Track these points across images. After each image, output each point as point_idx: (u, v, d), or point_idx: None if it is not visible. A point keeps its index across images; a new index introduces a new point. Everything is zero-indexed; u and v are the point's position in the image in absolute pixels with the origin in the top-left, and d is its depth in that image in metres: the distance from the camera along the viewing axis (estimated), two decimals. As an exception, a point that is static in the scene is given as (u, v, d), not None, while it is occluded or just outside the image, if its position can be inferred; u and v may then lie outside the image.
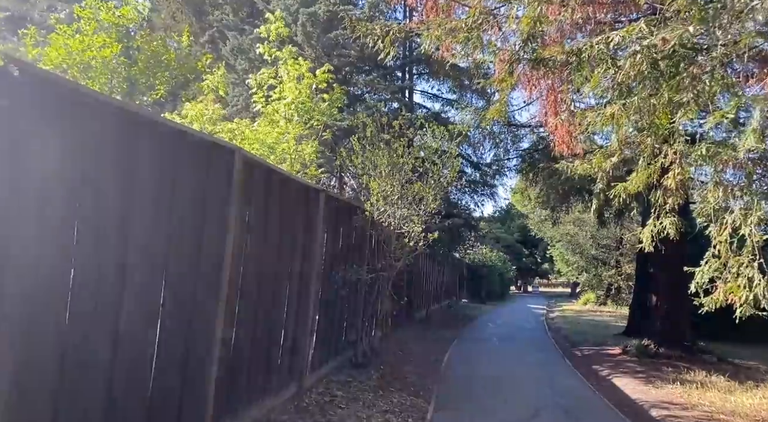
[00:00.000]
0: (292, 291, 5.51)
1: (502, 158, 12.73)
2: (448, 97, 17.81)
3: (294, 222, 5.46)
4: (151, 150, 3.24)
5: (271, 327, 5.06)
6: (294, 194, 5.43)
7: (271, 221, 4.87)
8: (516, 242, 43.40)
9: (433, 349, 10.77)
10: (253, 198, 4.47)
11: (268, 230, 4.82)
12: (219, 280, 3.84)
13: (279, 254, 5.10)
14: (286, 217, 5.22)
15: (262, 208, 4.70)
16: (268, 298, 4.96)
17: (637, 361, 9.71)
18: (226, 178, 3.92)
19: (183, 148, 3.57)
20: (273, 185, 4.89)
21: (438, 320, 16.29)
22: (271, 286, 4.99)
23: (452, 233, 16.41)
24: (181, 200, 3.52)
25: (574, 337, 13.91)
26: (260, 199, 4.64)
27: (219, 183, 3.88)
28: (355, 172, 7.64)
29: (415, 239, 7.17)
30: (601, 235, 25.44)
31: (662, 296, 10.16)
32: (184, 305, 3.60)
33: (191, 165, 3.66)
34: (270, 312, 5.00)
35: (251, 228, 4.45)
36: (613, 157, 8.55)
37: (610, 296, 26.09)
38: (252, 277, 4.52)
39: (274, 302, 5.08)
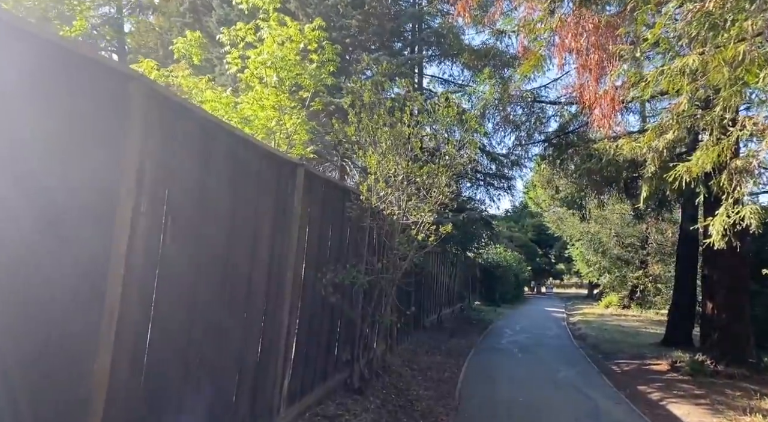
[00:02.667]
0: (254, 302, 3.98)
1: (524, 143, 11.11)
2: (460, 83, 16.26)
3: (256, 207, 3.94)
4: None
5: (218, 354, 3.53)
6: (255, 167, 3.91)
7: (210, 203, 3.34)
8: (530, 241, 41.65)
9: (446, 363, 9.21)
10: (176, 166, 2.95)
11: (206, 216, 3.29)
12: (100, 291, 2.34)
13: (228, 251, 3.57)
14: (241, 198, 3.70)
15: (196, 182, 3.18)
16: (211, 316, 3.42)
17: (691, 381, 8.09)
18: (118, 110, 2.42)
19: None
20: (214, 147, 3.37)
21: (451, 326, 14.71)
22: (216, 298, 3.46)
23: (466, 230, 14.83)
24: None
25: (605, 347, 12.28)
26: (191, 168, 3.12)
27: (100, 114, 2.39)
28: (348, 148, 6.07)
29: (424, 232, 5.62)
30: (626, 233, 23.70)
31: (720, 303, 8.53)
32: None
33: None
34: (215, 335, 3.47)
35: (172, 212, 2.93)
36: (667, 133, 6.94)
37: (635, 299, 24.30)
38: (175, 288, 3.00)
39: (220, 320, 3.54)
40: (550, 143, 10.89)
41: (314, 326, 5.26)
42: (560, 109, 10.67)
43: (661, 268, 21.75)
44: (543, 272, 50.17)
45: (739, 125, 5.89)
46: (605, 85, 7.20)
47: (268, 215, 4.14)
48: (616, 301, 25.62)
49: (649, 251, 23.20)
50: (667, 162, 7.54)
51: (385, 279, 6.07)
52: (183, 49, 7.43)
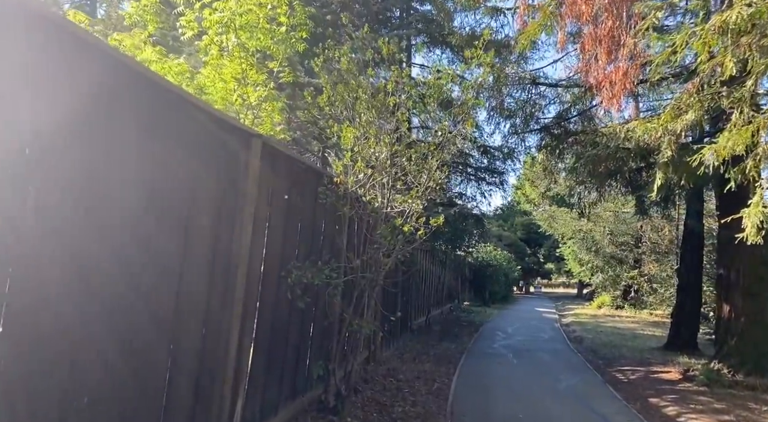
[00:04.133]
0: (186, 313, 3.04)
1: (520, 131, 10.17)
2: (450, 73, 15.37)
3: (189, 183, 3.00)
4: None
5: (126, 390, 2.59)
6: (187, 128, 2.97)
7: (108, 168, 2.40)
8: (519, 240, 40.94)
9: (436, 371, 8.32)
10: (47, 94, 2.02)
11: (99, 188, 2.35)
12: None
13: (141, 243, 2.63)
14: (165, 168, 2.76)
15: (101, 151, 2.24)
16: (128, 325, 2.48)
17: (708, 392, 7.26)
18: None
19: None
20: (116, 89, 2.43)
21: (439, 328, 13.84)
22: (122, 313, 2.52)
23: (456, 227, 13.96)
24: None
25: (605, 351, 11.46)
26: (73, 105, 2.18)
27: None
28: (325, 129, 5.11)
29: (412, 223, 4.71)
30: (619, 231, 22.98)
31: (738, 306, 7.71)
32: None
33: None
34: (121, 366, 2.53)
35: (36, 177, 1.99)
36: (686, 113, 6.09)
37: (629, 299, 23.59)
38: (37, 303, 2.06)
39: (135, 331, 2.60)
40: (548, 131, 10.00)
41: (278, 337, 4.32)
42: (562, 92, 9.78)
43: (657, 267, 21.04)
44: (531, 272, 49.56)
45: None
46: (617, 61, 6.35)
47: (208, 195, 3.20)
48: (609, 301, 24.91)
49: (644, 249, 22.50)
50: (684, 148, 6.73)
51: (366, 279, 5.15)
52: (136, 14, 6.46)
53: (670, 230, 20.34)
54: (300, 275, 4.39)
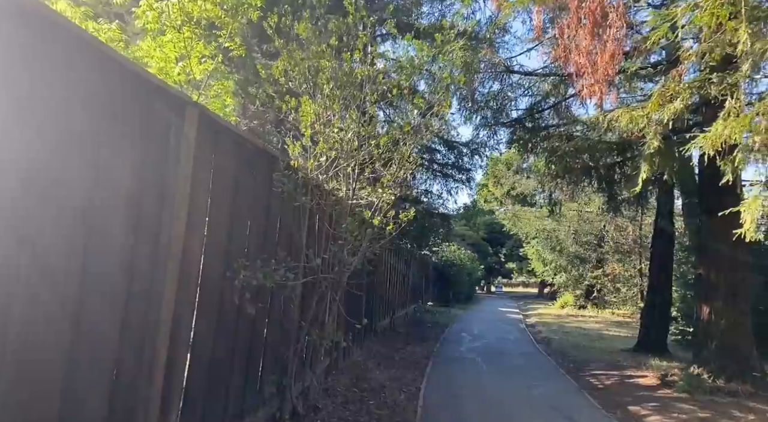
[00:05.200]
0: (93, 323, 2.32)
1: (492, 123, 9.63)
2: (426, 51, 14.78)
3: (96, 157, 2.28)
4: None
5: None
6: (100, 93, 2.26)
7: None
8: (482, 240, 40.88)
9: (402, 379, 7.73)
10: None
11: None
12: None
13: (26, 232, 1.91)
14: (62, 140, 2.05)
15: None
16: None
17: (689, 399, 6.89)
18: None
19: None
20: None
21: (404, 330, 13.27)
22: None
23: (422, 225, 13.43)
24: None
25: (574, 354, 11.10)
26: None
27: None
28: (282, 108, 4.40)
29: (382, 216, 4.08)
30: (583, 230, 22.95)
31: (719, 307, 7.37)
32: None
33: None
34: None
35: None
36: (675, 100, 5.67)
37: (591, 298, 23.61)
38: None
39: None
40: (521, 124, 9.52)
41: (222, 349, 3.61)
42: (538, 81, 9.30)
43: (621, 267, 21.06)
44: (493, 271, 49.76)
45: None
46: (602, 43, 5.88)
47: (125, 174, 2.48)
48: (572, 301, 24.91)
49: (607, 249, 22.52)
50: (665, 140, 6.34)
51: (329, 280, 4.49)
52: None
53: (633, 229, 20.38)
54: (250, 276, 3.70)
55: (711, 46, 5.46)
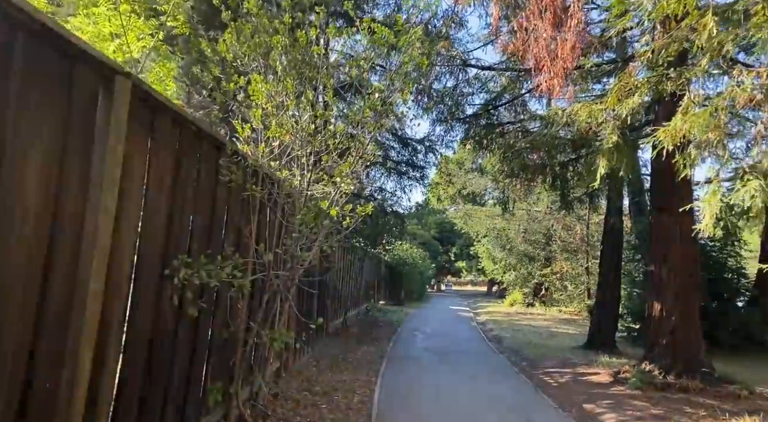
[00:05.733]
0: (8, 325, 1.94)
1: (447, 119, 9.44)
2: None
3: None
4: None
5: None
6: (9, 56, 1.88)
7: None
8: (433, 238, 41.11)
9: (356, 380, 7.44)
10: None
11: None
12: None
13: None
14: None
15: None
16: None
17: (642, 396, 6.92)
18: None
19: None
20: None
21: (357, 330, 12.97)
22: None
23: (376, 222, 13.19)
24: None
25: (526, 352, 11.10)
26: None
27: None
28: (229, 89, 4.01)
29: (340, 208, 3.78)
30: (532, 229, 23.32)
31: (670, 304, 7.45)
32: None
33: None
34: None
35: None
36: (634, 95, 5.65)
37: (539, 296, 24.05)
38: None
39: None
40: (477, 119, 9.38)
41: (159, 355, 3.23)
42: (495, 75, 9.19)
43: (568, 265, 21.51)
44: (443, 270, 50.22)
45: (735, 80, 4.64)
46: (563, 34, 5.79)
47: (40, 155, 2.09)
48: (521, 299, 25.31)
49: (555, 247, 22.98)
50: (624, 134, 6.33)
51: (281, 278, 4.16)
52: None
53: (581, 228, 20.84)
54: (192, 274, 3.33)
55: (668, 42, 5.45)
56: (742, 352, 11.24)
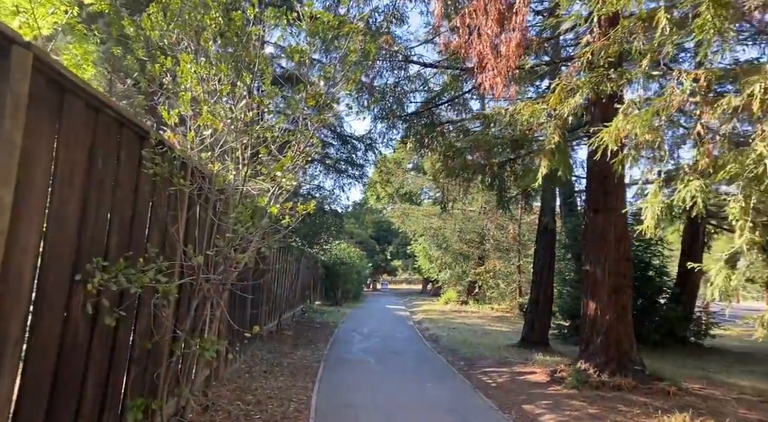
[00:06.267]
0: None
1: (389, 116, 9.25)
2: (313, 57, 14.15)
3: None
4: None
5: None
6: None
7: None
8: (370, 237, 41.04)
9: (291, 387, 7.12)
10: None
11: None
12: None
13: None
14: None
15: None
16: None
17: (578, 395, 7.00)
18: None
19: None
20: None
21: (293, 333, 12.60)
22: None
23: (314, 221, 12.84)
24: None
25: (463, 351, 11.12)
26: None
27: None
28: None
29: (280, 208, 3.49)
30: (468, 228, 23.66)
31: (605, 303, 7.61)
32: None
33: None
34: None
35: None
36: (576, 94, 5.68)
37: (473, 294, 24.46)
38: None
39: None
40: (419, 117, 9.25)
41: (68, 371, 2.83)
42: (437, 73, 9.09)
43: (501, 264, 21.97)
44: (379, 269, 50.31)
45: (675, 81, 4.72)
46: (508, 32, 5.74)
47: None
48: (455, 297, 25.66)
49: (488, 246, 23.42)
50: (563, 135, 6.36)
51: (212, 282, 3.80)
52: None
53: (513, 228, 21.32)
54: (109, 279, 2.94)
55: (607, 44, 5.51)
56: (665, 348, 11.79)
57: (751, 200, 4.25)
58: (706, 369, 9.63)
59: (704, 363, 10.47)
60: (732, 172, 4.32)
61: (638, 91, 5.20)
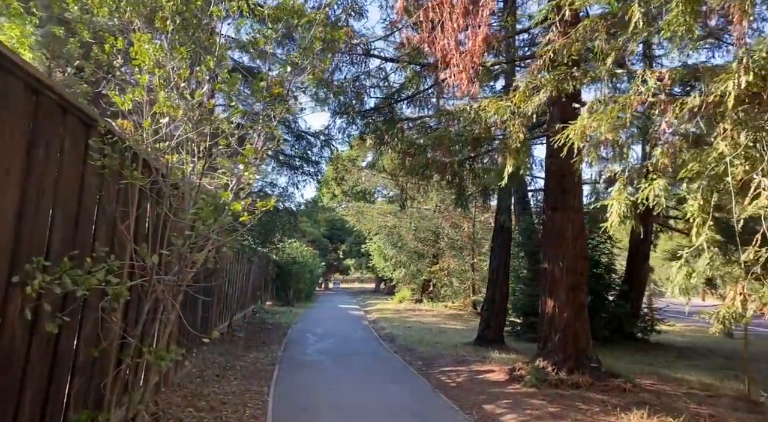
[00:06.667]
0: None
1: (348, 112, 9.02)
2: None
3: None
4: None
5: None
6: None
7: None
8: (323, 236, 40.63)
9: (246, 392, 6.86)
10: None
11: None
12: None
13: None
14: None
15: None
16: None
17: (538, 394, 7.02)
18: None
19: None
20: None
21: (245, 334, 12.21)
22: None
23: (267, 219, 12.48)
24: None
25: (421, 350, 11.07)
26: None
27: None
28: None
29: (243, 203, 3.26)
30: (423, 227, 23.73)
31: (563, 300, 7.68)
32: None
33: None
34: None
35: None
36: (540, 92, 5.69)
37: (427, 292, 24.57)
38: None
39: None
40: (379, 113, 9.08)
41: (3, 381, 2.53)
42: (398, 68, 8.93)
43: (455, 262, 22.15)
44: (332, 268, 49.94)
45: (640, 79, 4.76)
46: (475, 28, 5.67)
47: None
48: (410, 295, 25.72)
49: (443, 245, 23.57)
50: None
51: (166, 283, 3.52)
52: None
53: (468, 226, 21.52)
54: (51, 281, 2.65)
55: (569, 42, 5.53)
56: (614, 344, 12.11)
57: (712, 198, 4.32)
58: (654, 365, 9.93)
59: (652, 359, 10.80)
60: (694, 170, 4.38)
61: (602, 90, 5.20)
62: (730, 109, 3.70)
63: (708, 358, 11.26)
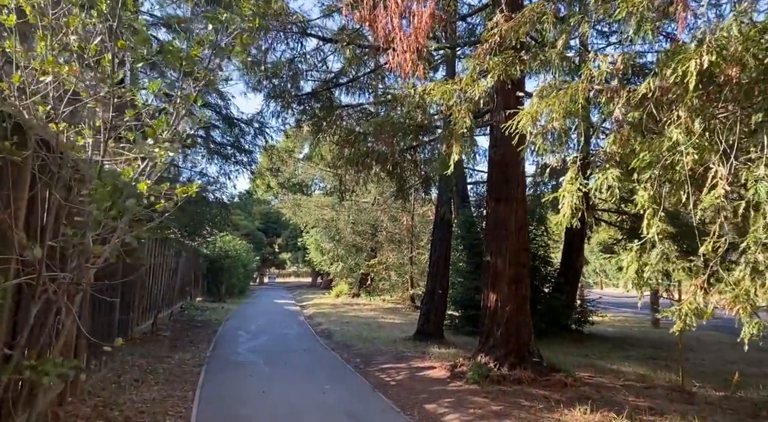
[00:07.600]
0: None
1: (284, 96, 8.38)
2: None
3: None
4: None
5: None
6: None
7: None
8: (257, 229, 39.46)
9: (168, 398, 6.27)
10: None
11: None
12: None
13: None
14: None
15: None
16: None
17: (480, 391, 6.78)
18: None
19: None
20: None
21: (170, 333, 11.39)
22: None
23: (195, 211, 11.69)
24: None
25: (359, 347, 10.69)
26: None
27: None
28: None
29: (152, 185, 2.73)
30: (361, 220, 23.33)
31: (506, 294, 7.50)
32: None
33: None
34: None
35: None
36: (488, 76, 5.42)
37: (365, 287, 24.24)
38: None
39: None
40: (316, 98, 8.55)
41: None
42: (338, 49, 8.39)
43: (394, 256, 21.92)
44: (267, 262, 48.75)
45: (593, 63, 4.56)
46: (420, 5, 5.31)
47: None
48: (347, 289, 25.32)
49: (381, 238, 23.30)
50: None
51: (60, 283, 2.93)
52: None
53: (406, 219, 21.34)
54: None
55: (517, 24, 5.28)
56: (550, 336, 12.19)
57: (664, 189, 4.17)
58: (589, 356, 10.02)
59: (587, 350, 10.93)
60: (645, 160, 4.22)
61: (554, 73, 4.98)
62: (692, 91, 3.52)
63: (638, 348, 11.53)
